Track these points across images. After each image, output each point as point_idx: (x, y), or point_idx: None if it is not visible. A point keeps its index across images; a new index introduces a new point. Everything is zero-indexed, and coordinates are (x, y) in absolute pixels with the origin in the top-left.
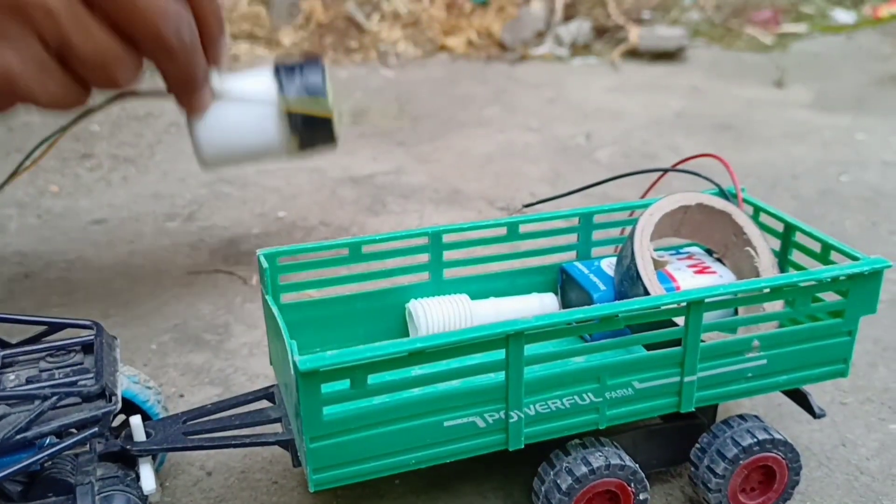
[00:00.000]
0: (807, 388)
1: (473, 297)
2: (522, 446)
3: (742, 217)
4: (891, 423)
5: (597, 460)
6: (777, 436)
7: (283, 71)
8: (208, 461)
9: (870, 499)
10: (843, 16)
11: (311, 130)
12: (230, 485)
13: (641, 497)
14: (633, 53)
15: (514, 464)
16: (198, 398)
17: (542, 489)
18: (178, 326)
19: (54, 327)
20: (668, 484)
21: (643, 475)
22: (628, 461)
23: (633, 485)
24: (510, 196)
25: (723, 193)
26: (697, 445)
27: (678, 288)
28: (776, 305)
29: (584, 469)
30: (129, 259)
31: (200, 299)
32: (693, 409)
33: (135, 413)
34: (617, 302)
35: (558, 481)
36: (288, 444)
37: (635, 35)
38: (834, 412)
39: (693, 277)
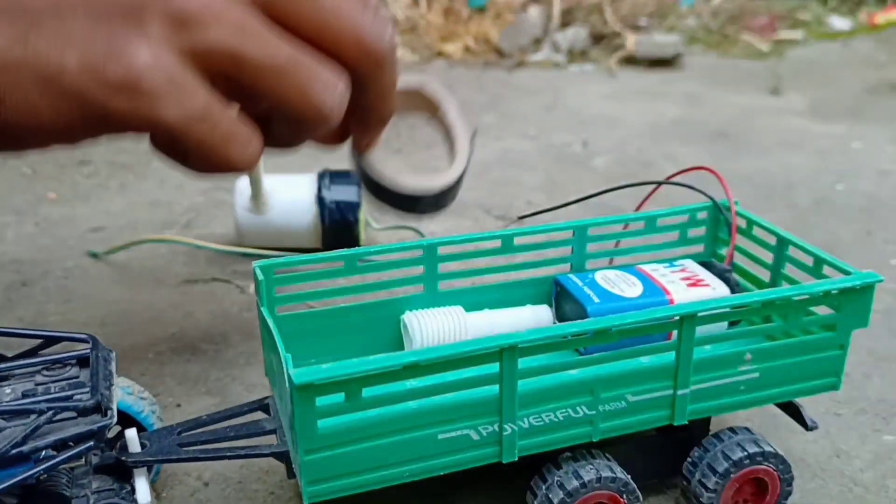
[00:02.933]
0: (800, 399)
1: (468, 308)
2: (516, 458)
3: (440, 93)
4: (885, 434)
5: (588, 473)
6: (768, 448)
7: (324, 181)
8: (205, 472)
9: None
10: (840, 23)
11: (337, 240)
12: (227, 495)
13: None
14: (630, 60)
15: (512, 474)
16: (195, 408)
17: (535, 502)
18: (175, 336)
19: (50, 341)
20: (662, 495)
21: (635, 486)
22: (620, 473)
23: (625, 496)
24: (507, 204)
25: (716, 206)
26: (689, 460)
27: (672, 301)
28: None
29: (576, 483)
30: (127, 268)
31: (197, 308)
32: (686, 422)
33: (130, 424)
34: (611, 316)
35: (550, 496)
36: (283, 456)
37: (632, 42)
38: (828, 423)
39: (686, 290)
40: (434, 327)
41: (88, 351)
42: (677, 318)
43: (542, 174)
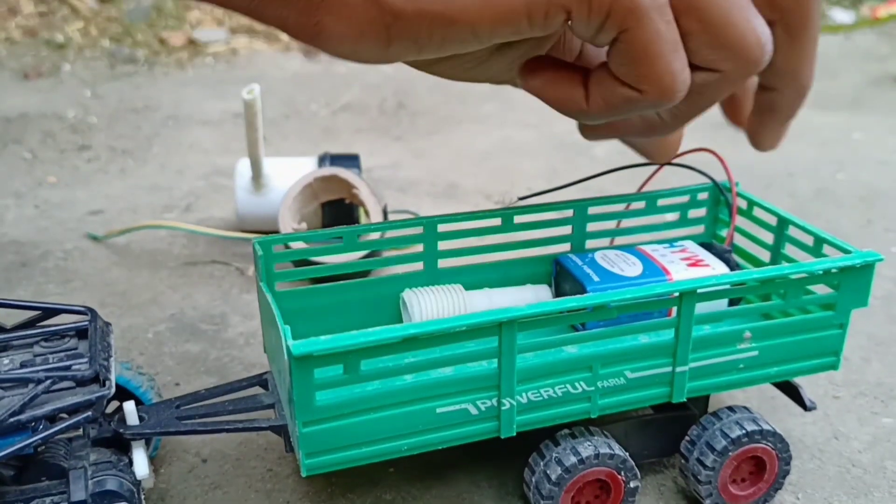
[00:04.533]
0: (799, 381)
1: (467, 287)
2: (514, 434)
3: (351, 176)
4: (883, 417)
5: (586, 450)
6: (766, 426)
7: (325, 163)
8: (203, 448)
9: (861, 491)
10: (842, 15)
11: (336, 222)
12: (225, 472)
13: (632, 485)
14: None
15: (509, 453)
16: (193, 387)
17: (533, 480)
18: (174, 316)
19: (49, 313)
20: (661, 475)
21: (633, 463)
22: (618, 450)
23: (623, 473)
24: (506, 191)
25: (717, 187)
26: (687, 438)
27: (671, 279)
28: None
29: (574, 459)
30: (126, 250)
31: (197, 290)
32: (684, 400)
33: (128, 400)
34: (610, 291)
35: (548, 471)
36: (281, 430)
37: None
38: (827, 405)
39: (686, 270)
40: (433, 304)
41: (87, 323)
42: (676, 294)
43: (542, 162)
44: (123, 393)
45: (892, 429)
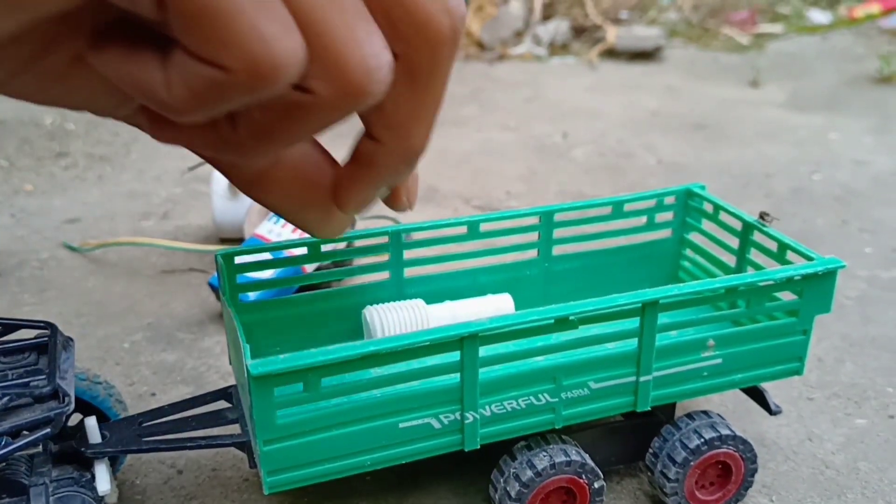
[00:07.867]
0: (775, 383)
1: (434, 296)
2: (478, 446)
3: None
4: (857, 418)
5: (541, 462)
6: (725, 431)
7: None
8: (179, 459)
9: (834, 492)
10: (819, 16)
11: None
12: (201, 482)
13: (596, 485)
14: (611, 53)
15: (487, 457)
16: (170, 397)
17: (496, 496)
18: (151, 325)
19: (8, 328)
20: (636, 479)
21: (593, 465)
22: (574, 455)
23: (584, 476)
24: (486, 194)
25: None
26: (650, 450)
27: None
28: None
29: (530, 473)
30: (103, 259)
31: (174, 298)
32: (649, 409)
33: (90, 410)
34: (572, 303)
35: (508, 488)
36: (244, 446)
37: (613, 35)
38: (801, 407)
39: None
40: (394, 321)
41: (47, 338)
42: (639, 304)
43: (521, 164)
44: (84, 404)
45: (865, 430)
